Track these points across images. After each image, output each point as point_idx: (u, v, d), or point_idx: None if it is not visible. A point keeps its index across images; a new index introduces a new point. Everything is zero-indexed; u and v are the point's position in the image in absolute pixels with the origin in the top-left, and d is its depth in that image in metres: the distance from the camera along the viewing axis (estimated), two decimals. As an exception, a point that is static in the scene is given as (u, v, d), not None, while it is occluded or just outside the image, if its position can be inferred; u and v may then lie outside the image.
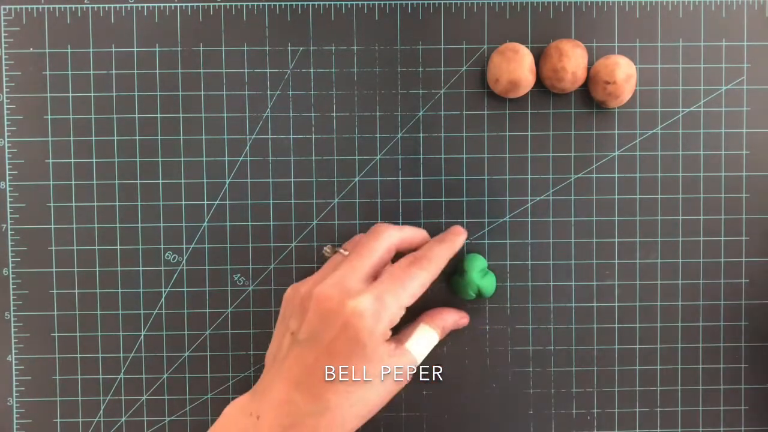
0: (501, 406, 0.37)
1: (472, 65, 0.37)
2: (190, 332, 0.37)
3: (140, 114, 0.37)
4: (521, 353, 0.37)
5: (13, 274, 0.37)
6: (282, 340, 0.31)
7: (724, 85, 0.37)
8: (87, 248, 0.37)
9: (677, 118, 0.37)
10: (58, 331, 0.37)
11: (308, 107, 0.37)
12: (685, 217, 0.37)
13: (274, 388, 0.30)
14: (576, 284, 0.37)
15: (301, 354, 0.30)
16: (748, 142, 0.37)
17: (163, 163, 0.37)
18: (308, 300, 0.31)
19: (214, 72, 0.37)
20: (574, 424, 0.37)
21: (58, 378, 0.37)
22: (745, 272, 0.37)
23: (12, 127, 0.37)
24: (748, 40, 0.37)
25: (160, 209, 0.37)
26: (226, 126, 0.37)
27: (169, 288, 0.37)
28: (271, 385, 0.30)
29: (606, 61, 0.35)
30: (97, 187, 0.37)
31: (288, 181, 0.37)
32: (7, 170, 0.37)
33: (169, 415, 0.37)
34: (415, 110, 0.37)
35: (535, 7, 0.37)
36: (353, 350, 0.29)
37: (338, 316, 0.29)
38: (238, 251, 0.37)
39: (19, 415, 0.37)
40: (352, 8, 0.37)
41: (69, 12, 0.37)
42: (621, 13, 0.37)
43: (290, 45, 0.37)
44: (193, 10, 0.37)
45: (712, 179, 0.37)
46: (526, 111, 0.37)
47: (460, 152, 0.37)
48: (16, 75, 0.37)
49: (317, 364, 0.29)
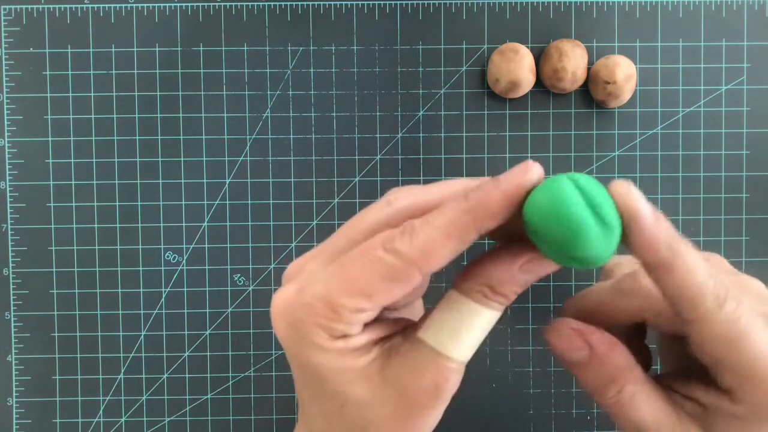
0: (501, 406, 0.37)
1: (472, 65, 0.37)
2: (190, 332, 0.37)
3: (140, 114, 0.37)
4: (521, 353, 0.37)
5: (13, 274, 0.37)
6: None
7: (724, 85, 0.37)
8: (87, 248, 0.37)
9: (677, 118, 0.37)
10: (58, 331, 0.37)
11: (308, 107, 0.37)
12: (685, 217, 0.37)
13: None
14: (576, 284, 0.37)
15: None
16: (748, 142, 0.37)
17: (163, 163, 0.37)
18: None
19: (214, 72, 0.37)
20: (574, 424, 0.37)
21: (58, 378, 0.37)
22: (745, 272, 0.37)
23: (12, 127, 0.37)
24: (748, 40, 0.37)
25: (160, 209, 0.37)
26: (226, 126, 0.37)
27: (169, 288, 0.37)
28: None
29: (606, 61, 0.35)
30: (97, 187, 0.37)
31: (288, 181, 0.37)
32: (7, 170, 0.37)
33: (169, 415, 0.37)
34: (415, 110, 0.37)
35: (535, 7, 0.37)
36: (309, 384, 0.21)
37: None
38: (238, 251, 0.37)
39: (19, 415, 0.37)
40: (352, 8, 0.37)
41: (69, 12, 0.37)
42: (621, 13, 0.37)
43: (290, 45, 0.37)
44: (193, 10, 0.37)
45: (712, 179, 0.37)
46: (526, 111, 0.37)
47: (460, 152, 0.37)
48: (16, 75, 0.37)
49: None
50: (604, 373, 0.22)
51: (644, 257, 0.20)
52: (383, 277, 0.19)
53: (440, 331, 0.20)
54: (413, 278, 0.20)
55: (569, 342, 0.22)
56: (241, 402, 0.37)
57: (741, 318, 0.20)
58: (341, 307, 0.20)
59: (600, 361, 0.22)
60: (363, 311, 0.20)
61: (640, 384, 0.22)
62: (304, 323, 0.20)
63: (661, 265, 0.20)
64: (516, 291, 0.21)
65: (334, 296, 0.20)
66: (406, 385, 0.20)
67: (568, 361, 0.22)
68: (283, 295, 0.21)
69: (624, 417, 0.22)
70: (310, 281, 0.20)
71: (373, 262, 0.20)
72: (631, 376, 0.22)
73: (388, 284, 0.20)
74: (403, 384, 0.20)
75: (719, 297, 0.20)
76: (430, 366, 0.20)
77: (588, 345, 0.22)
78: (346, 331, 0.20)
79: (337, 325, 0.20)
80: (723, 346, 0.20)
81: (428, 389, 0.20)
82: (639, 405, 0.21)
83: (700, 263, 0.20)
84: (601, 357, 0.22)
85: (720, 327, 0.20)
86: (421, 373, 0.20)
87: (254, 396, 0.37)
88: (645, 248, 0.20)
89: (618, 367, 0.22)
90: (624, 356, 0.22)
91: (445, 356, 0.20)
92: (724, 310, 0.20)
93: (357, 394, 0.20)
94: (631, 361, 0.22)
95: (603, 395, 0.22)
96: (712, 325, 0.20)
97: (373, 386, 0.20)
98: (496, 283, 0.20)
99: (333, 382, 0.20)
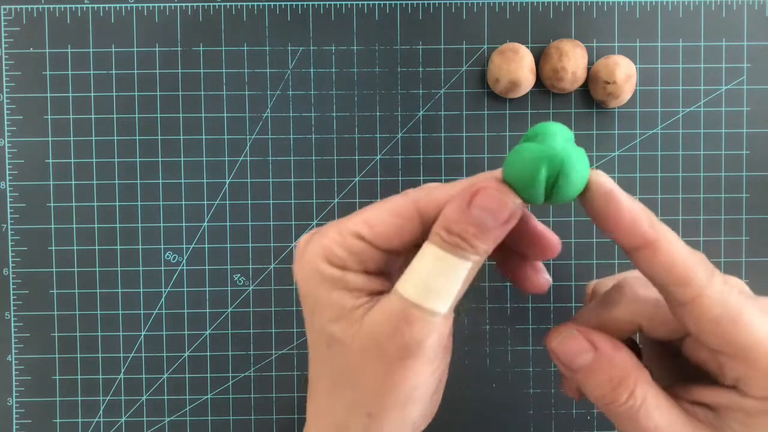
0: (501, 406, 0.37)
1: (472, 65, 0.37)
2: (190, 332, 0.37)
3: (140, 114, 0.37)
4: (521, 353, 0.37)
5: (13, 274, 0.37)
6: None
7: (724, 85, 0.37)
8: (87, 248, 0.37)
9: (677, 118, 0.37)
10: (58, 331, 0.37)
11: (308, 107, 0.37)
12: (685, 217, 0.37)
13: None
14: (576, 284, 0.37)
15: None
16: (748, 142, 0.37)
17: (163, 163, 0.37)
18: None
19: (214, 72, 0.37)
20: (574, 424, 0.37)
21: (58, 378, 0.37)
22: (746, 272, 0.37)
23: (12, 127, 0.37)
24: (748, 40, 0.37)
25: (160, 209, 0.37)
26: (226, 126, 0.37)
27: (169, 288, 0.37)
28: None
29: (606, 61, 0.35)
30: (97, 187, 0.37)
31: (288, 181, 0.37)
32: (7, 170, 0.37)
33: (169, 415, 0.37)
34: (415, 110, 0.37)
35: (535, 7, 0.37)
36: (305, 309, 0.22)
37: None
38: (238, 251, 0.37)
39: (19, 415, 0.37)
40: (352, 8, 0.37)
41: (69, 12, 0.37)
42: (621, 13, 0.37)
43: (290, 45, 0.37)
44: (193, 10, 0.37)
45: (712, 179, 0.37)
46: (526, 111, 0.37)
47: (460, 152, 0.37)
48: (16, 75, 0.37)
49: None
50: (612, 375, 0.21)
51: (628, 238, 0.20)
52: (387, 210, 0.21)
53: (414, 281, 0.20)
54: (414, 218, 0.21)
55: (574, 343, 0.22)
56: (241, 402, 0.37)
57: (733, 297, 0.20)
58: (345, 230, 0.21)
59: (607, 361, 0.21)
60: (363, 239, 0.21)
61: (650, 387, 0.21)
62: (312, 251, 0.21)
63: (646, 243, 0.20)
64: (475, 234, 0.20)
65: (341, 222, 0.22)
66: (381, 337, 0.20)
67: (574, 367, 0.22)
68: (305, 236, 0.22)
69: (637, 425, 0.21)
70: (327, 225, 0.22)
71: (381, 202, 0.21)
72: (641, 377, 0.21)
73: (390, 217, 0.21)
74: (378, 335, 0.20)
75: (707, 269, 0.20)
76: (403, 317, 0.20)
77: (593, 346, 0.21)
78: (344, 260, 0.21)
79: (337, 249, 0.21)
80: (721, 328, 0.20)
81: (402, 342, 0.20)
82: (652, 410, 0.21)
83: (681, 240, 0.21)
84: (608, 357, 0.21)
85: (715, 307, 0.20)
86: (394, 324, 0.20)
87: (254, 396, 0.37)
88: (628, 228, 0.20)
89: (625, 368, 0.21)
90: (630, 356, 0.22)
91: (418, 306, 0.20)
92: (716, 284, 0.20)
93: (338, 335, 0.21)
94: (638, 362, 0.21)
95: (614, 400, 0.21)
96: (708, 305, 0.20)
97: (353, 331, 0.20)
98: (449, 223, 0.20)
99: (320, 316, 0.21)
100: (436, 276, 0.20)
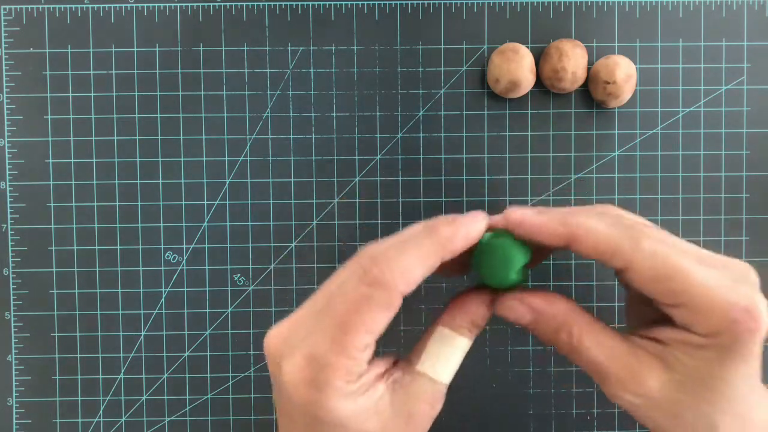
0: (501, 406, 0.37)
1: (472, 65, 0.37)
2: (190, 332, 0.37)
3: (140, 114, 0.37)
4: (521, 353, 0.37)
5: (13, 274, 0.37)
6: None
7: (724, 85, 0.37)
8: (87, 248, 0.37)
9: (677, 118, 0.37)
10: (58, 331, 0.37)
11: (308, 107, 0.37)
12: (685, 217, 0.37)
13: None
14: (576, 284, 0.37)
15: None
16: (748, 142, 0.37)
17: (163, 163, 0.37)
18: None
19: (214, 72, 0.37)
20: (574, 424, 0.37)
21: (58, 378, 0.37)
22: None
23: (12, 127, 0.37)
24: (748, 40, 0.37)
25: (160, 209, 0.37)
26: (226, 126, 0.37)
27: (169, 288, 0.37)
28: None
29: (606, 61, 0.35)
30: (97, 187, 0.37)
31: (288, 181, 0.37)
32: (7, 170, 0.37)
33: (169, 415, 0.37)
34: (415, 110, 0.37)
35: (535, 7, 0.37)
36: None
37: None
38: (238, 251, 0.37)
39: (19, 415, 0.37)
40: (352, 8, 0.37)
41: (69, 12, 0.37)
42: (621, 13, 0.37)
43: (290, 45, 0.37)
44: (193, 10, 0.37)
45: (712, 179, 0.37)
46: (526, 111, 0.37)
47: (460, 152, 0.37)
48: (16, 75, 0.37)
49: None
50: (549, 325, 0.25)
51: (550, 243, 0.24)
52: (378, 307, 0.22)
53: (435, 362, 0.25)
54: (398, 302, 0.23)
55: (514, 311, 0.25)
56: (241, 402, 0.37)
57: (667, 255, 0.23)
58: (352, 348, 0.22)
59: (541, 315, 0.25)
60: (369, 345, 0.23)
61: (587, 326, 0.24)
62: (321, 378, 0.22)
63: (566, 240, 0.24)
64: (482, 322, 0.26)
65: (343, 342, 0.22)
66: (412, 412, 0.24)
67: (522, 324, 0.25)
68: (292, 366, 0.22)
69: (579, 358, 0.24)
70: (314, 344, 0.22)
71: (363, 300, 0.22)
72: (577, 320, 0.24)
73: (383, 312, 0.22)
74: (408, 411, 0.24)
75: (632, 238, 0.23)
76: (429, 392, 0.24)
77: (530, 308, 0.25)
78: (360, 371, 0.23)
79: (353, 367, 0.22)
80: (660, 285, 0.23)
81: (428, 412, 0.24)
82: (590, 345, 0.24)
83: (599, 222, 0.23)
84: (541, 312, 0.25)
85: (647, 269, 0.23)
86: (422, 399, 0.24)
87: (254, 396, 0.37)
88: (545, 236, 0.24)
89: (560, 316, 0.24)
90: (564, 306, 0.25)
91: (439, 383, 0.25)
92: (644, 248, 0.23)
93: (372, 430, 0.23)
94: (575, 310, 0.25)
95: (558, 343, 0.25)
96: (640, 269, 0.23)
97: (385, 419, 0.23)
98: (478, 319, 0.25)
99: (353, 423, 0.22)
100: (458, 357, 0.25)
